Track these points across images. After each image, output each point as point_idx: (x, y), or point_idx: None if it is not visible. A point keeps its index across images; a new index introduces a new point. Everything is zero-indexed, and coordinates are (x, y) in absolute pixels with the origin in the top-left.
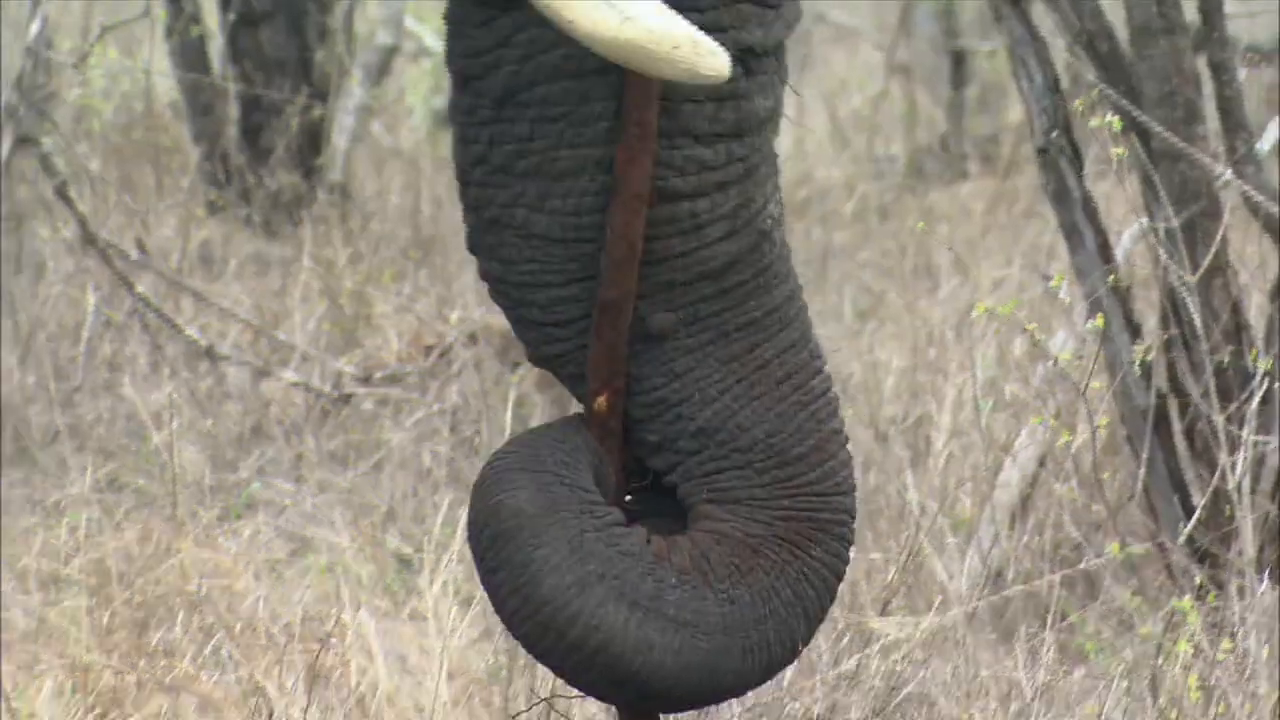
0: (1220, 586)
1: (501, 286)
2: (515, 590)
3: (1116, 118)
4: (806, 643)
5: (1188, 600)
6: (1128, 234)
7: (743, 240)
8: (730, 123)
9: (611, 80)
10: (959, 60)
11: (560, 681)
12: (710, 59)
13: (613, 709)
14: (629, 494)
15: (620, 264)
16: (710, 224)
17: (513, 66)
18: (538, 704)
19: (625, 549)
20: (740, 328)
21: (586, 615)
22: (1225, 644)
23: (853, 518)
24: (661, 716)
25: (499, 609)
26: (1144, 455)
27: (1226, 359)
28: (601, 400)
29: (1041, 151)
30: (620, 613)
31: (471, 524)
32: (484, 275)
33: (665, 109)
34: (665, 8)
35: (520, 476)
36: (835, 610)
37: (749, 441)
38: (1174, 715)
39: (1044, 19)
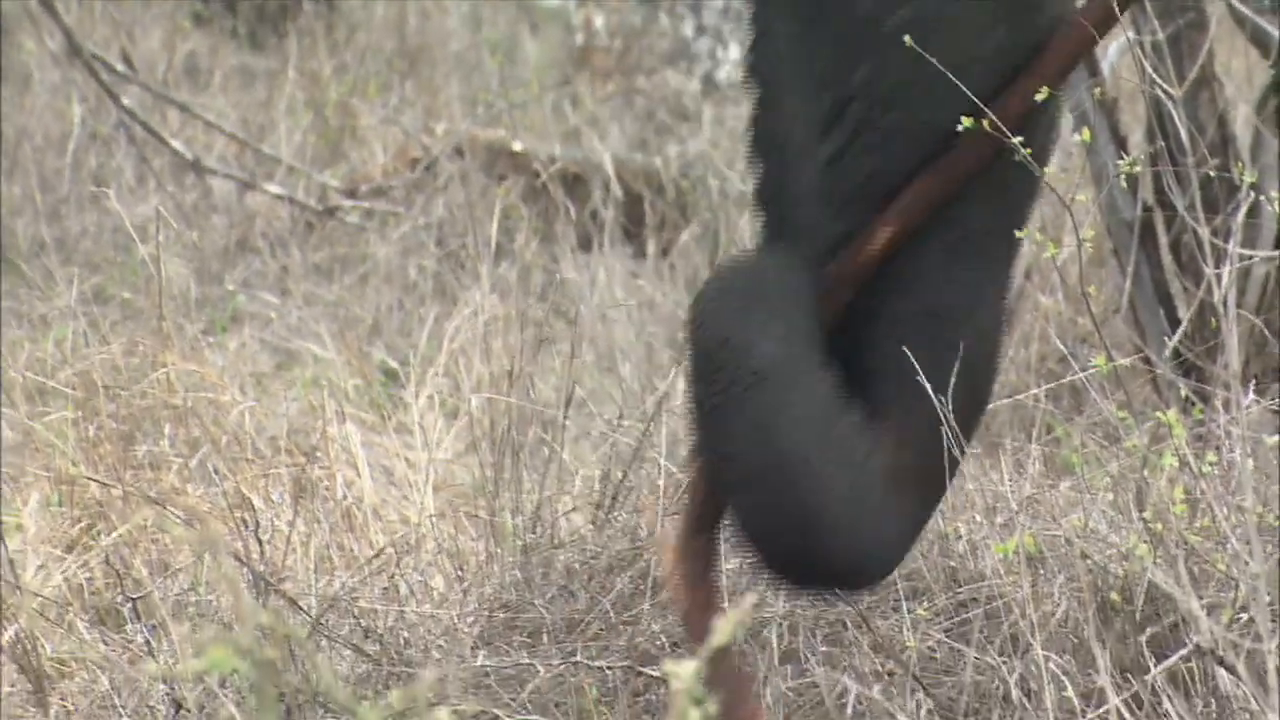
0: (1206, 399)
1: None
2: (751, 433)
3: None
4: None
5: (1173, 413)
6: (1114, 47)
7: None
8: None
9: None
10: None
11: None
12: None
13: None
14: None
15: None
16: None
17: None
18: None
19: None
20: None
21: (812, 478)
22: (1210, 457)
23: None
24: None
25: (711, 436)
26: (1130, 269)
27: (1212, 172)
28: (886, 233)
29: None
30: (841, 486)
31: (708, 349)
32: None
33: None
34: None
35: (770, 323)
36: None
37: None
38: (1159, 528)
39: None
